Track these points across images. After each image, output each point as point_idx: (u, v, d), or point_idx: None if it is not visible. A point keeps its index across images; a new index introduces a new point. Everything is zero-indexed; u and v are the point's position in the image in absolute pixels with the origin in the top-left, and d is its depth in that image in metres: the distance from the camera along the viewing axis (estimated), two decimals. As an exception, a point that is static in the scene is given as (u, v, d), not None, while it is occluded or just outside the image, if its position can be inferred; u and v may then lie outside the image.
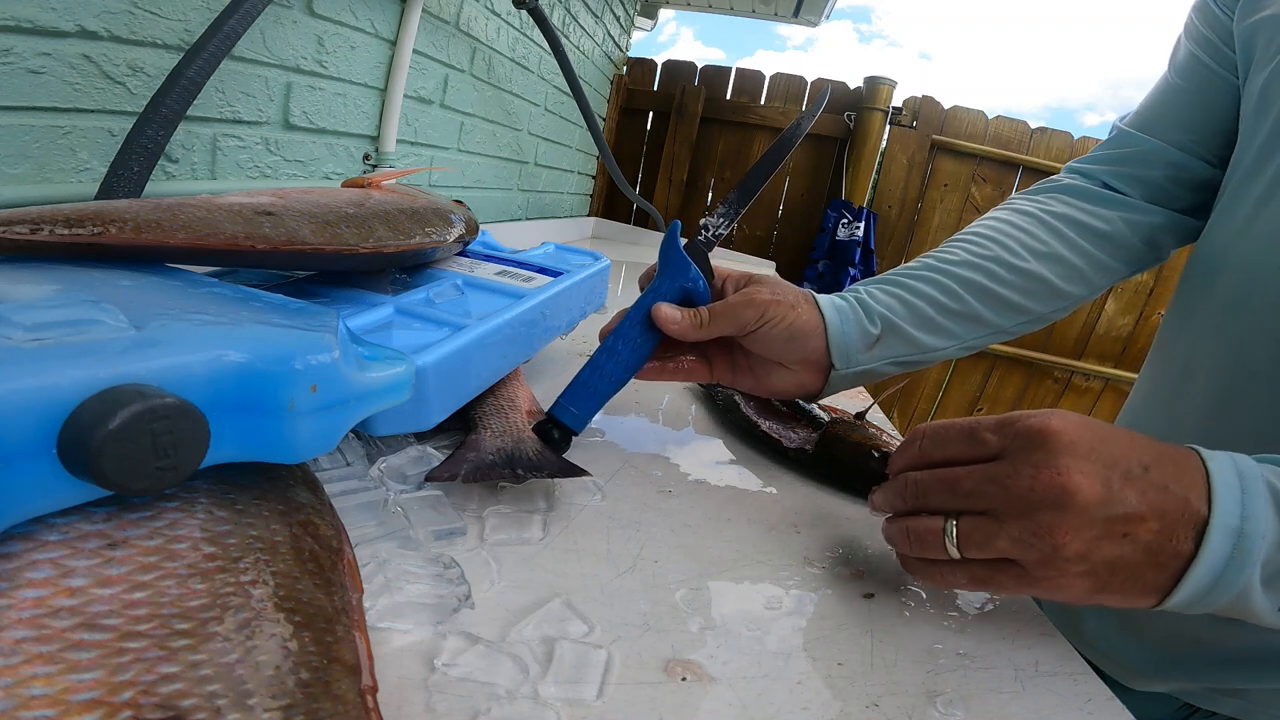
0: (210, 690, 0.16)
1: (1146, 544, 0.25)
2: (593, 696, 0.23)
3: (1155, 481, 0.25)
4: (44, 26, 0.43)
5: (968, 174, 2.14)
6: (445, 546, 0.30)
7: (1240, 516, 0.25)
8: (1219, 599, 0.25)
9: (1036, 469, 0.26)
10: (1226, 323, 0.40)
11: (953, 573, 0.29)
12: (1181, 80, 0.48)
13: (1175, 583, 0.26)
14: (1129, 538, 0.25)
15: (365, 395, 0.25)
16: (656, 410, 0.53)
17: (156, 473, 0.18)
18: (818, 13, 2.15)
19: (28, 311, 0.19)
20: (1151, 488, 0.25)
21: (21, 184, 0.45)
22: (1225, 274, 0.41)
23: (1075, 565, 0.26)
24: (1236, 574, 0.25)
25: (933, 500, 0.29)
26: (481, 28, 1.00)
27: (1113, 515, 0.25)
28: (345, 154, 0.76)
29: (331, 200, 0.39)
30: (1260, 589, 0.25)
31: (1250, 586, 0.25)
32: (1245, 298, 0.39)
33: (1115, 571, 0.26)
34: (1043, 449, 0.26)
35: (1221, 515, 0.25)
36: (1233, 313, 0.40)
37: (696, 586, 0.31)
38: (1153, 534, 0.25)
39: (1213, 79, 0.46)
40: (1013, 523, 0.26)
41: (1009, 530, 0.26)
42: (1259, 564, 0.25)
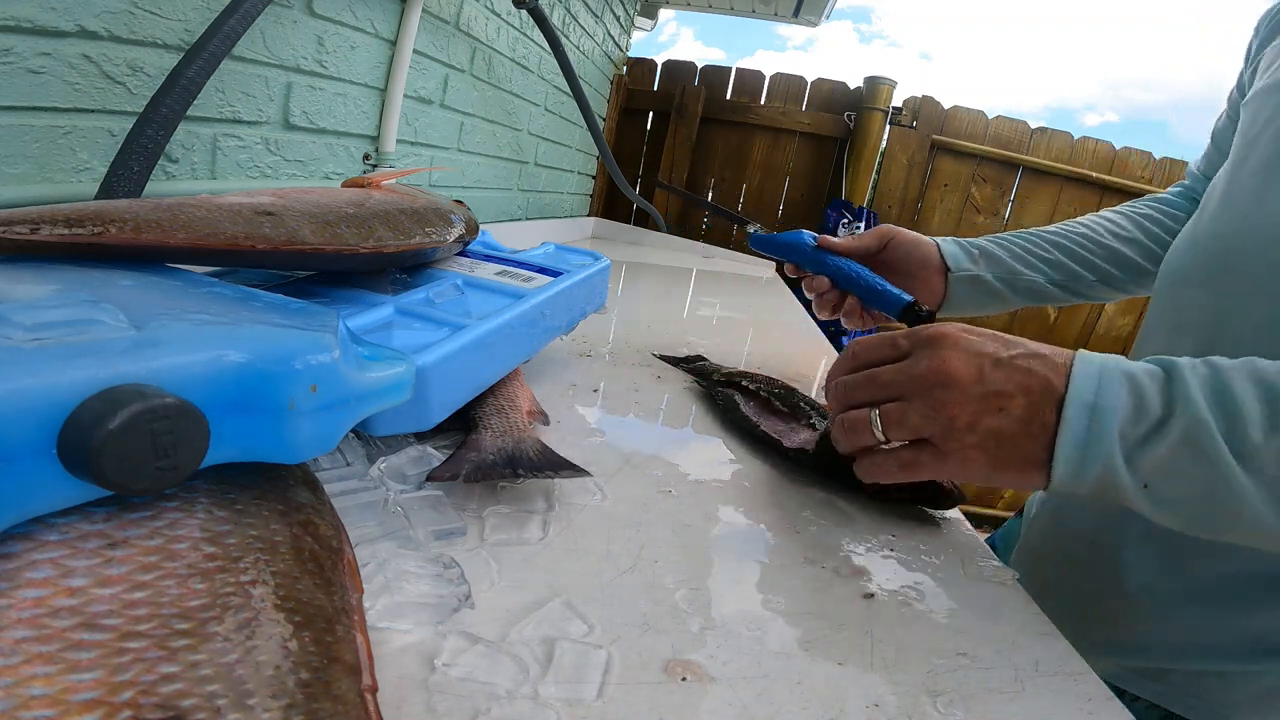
0: (210, 690, 0.16)
1: (1018, 416, 0.31)
2: (593, 696, 0.23)
3: (1020, 366, 0.31)
4: (44, 26, 0.43)
5: (968, 174, 2.14)
6: (445, 546, 0.30)
7: (1095, 393, 0.30)
8: (1090, 472, 0.30)
9: (929, 359, 0.33)
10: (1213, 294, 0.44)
11: (885, 462, 0.35)
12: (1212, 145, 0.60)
13: (1050, 454, 0.30)
14: (1004, 411, 0.31)
15: (365, 395, 0.25)
16: (656, 410, 0.53)
17: (156, 473, 0.18)
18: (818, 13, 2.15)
19: (28, 311, 0.19)
20: (1017, 371, 0.31)
21: (22, 184, 0.45)
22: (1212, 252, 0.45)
23: (968, 436, 0.32)
24: (1097, 445, 0.29)
25: (859, 395, 0.36)
26: (481, 28, 1.00)
27: (986, 392, 0.31)
28: (345, 154, 0.76)
29: (331, 200, 0.39)
30: (1123, 465, 0.29)
31: (1113, 460, 0.29)
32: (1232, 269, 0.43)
33: (1000, 443, 0.31)
34: (934, 345, 0.33)
35: (1076, 391, 0.30)
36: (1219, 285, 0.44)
37: (696, 586, 0.31)
38: (1022, 408, 0.31)
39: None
40: (916, 402, 0.33)
41: (915, 408, 0.33)
42: (1116, 437, 0.29)
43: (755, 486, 0.43)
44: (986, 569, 0.36)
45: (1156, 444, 0.29)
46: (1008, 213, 2.17)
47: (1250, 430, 0.27)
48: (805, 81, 2.16)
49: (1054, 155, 2.10)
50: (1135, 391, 0.30)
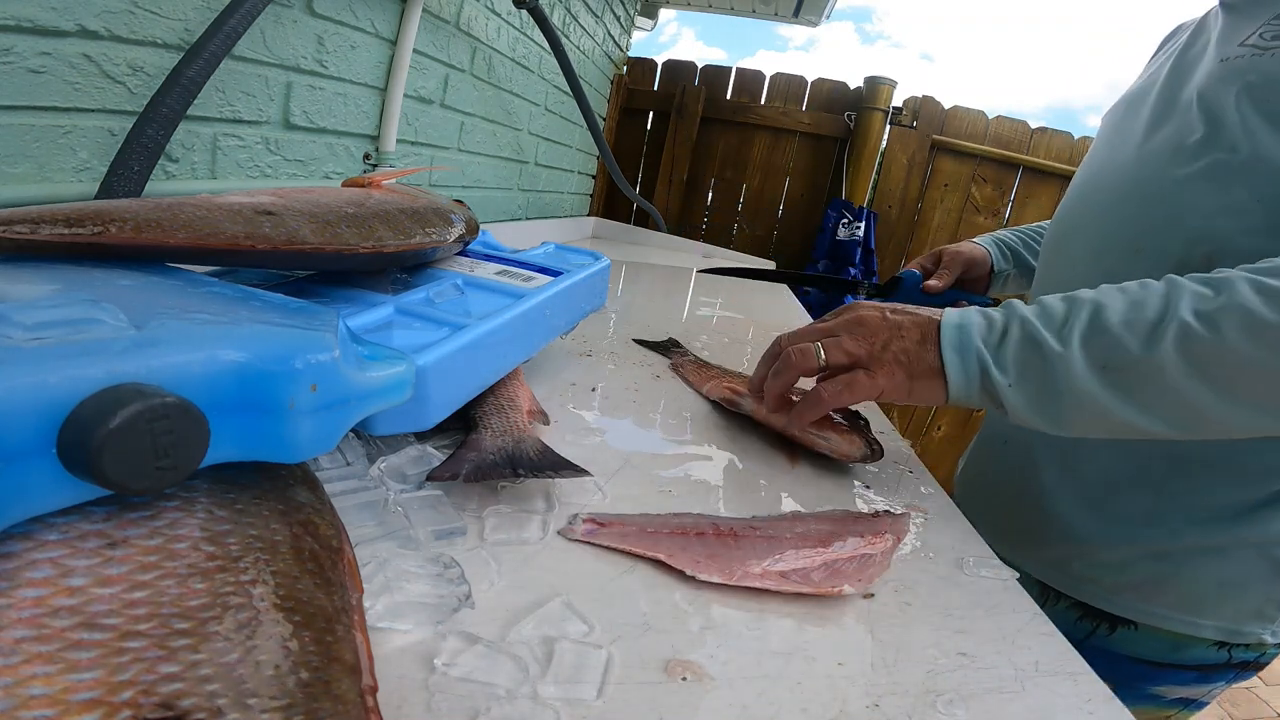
0: (210, 690, 0.16)
1: (915, 339, 0.42)
2: (593, 696, 0.23)
3: (910, 313, 0.43)
4: (44, 26, 0.43)
5: (968, 174, 2.14)
6: (445, 546, 0.30)
7: (959, 317, 0.42)
8: (972, 373, 0.40)
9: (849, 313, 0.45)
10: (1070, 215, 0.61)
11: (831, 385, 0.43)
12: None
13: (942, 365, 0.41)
14: (905, 336, 0.42)
15: (365, 395, 0.25)
16: (656, 410, 0.53)
17: (156, 472, 0.18)
18: (818, 13, 2.15)
19: (28, 311, 0.19)
20: (909, 315, 0.43)
21: (22, 183, 0.45)
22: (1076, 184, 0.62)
23: (885, 354, 0.42)
24: (967, 350, 0.40)
25: (804, 338, 0.46)
26: (482, 27, 1.00)
27: (890, 323, 0.43)
28: (345, 153, 0.76)
29: (332, 200, 0.39)
30: (993, 366, 0.39)
31: (985, 361, 0.40)
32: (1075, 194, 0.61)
33: (909, 356, 0.42)
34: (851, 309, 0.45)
35: (946, 318, 0.42)
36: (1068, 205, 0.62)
37: (696, 586, 0.31)
38: (917, 333, 0.42)
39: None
40: (845, 335, 0.44)
41: (845, 340, 0.43)
42: (980, 343, 0.40)
43: (755, 486, 0.43)
44: (986, 569, 0.36)
45: (1006, 344, 0.39)
46: (1008, 213, 2.16)
47: (1059, 321, 0.39)
48: (805, 81, 2.16)
49: (1054, 155, 2.10)
50: (984, 315, 0.41)
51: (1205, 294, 0.36)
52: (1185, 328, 0.35)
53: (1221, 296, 0.35)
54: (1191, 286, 0.37)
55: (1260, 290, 0.35)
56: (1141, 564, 0.51)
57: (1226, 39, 0.50)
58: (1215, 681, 0.53)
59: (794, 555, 0.33)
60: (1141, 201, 0.51)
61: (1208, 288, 0.36)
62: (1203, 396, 0.35)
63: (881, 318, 0.43)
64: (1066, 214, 0.60)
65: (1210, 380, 0.35)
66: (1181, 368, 0.35)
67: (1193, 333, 0.35)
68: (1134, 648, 0.52)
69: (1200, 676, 0.52)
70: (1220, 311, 0.35)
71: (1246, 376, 0.35)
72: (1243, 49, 0.47)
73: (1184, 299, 0.36)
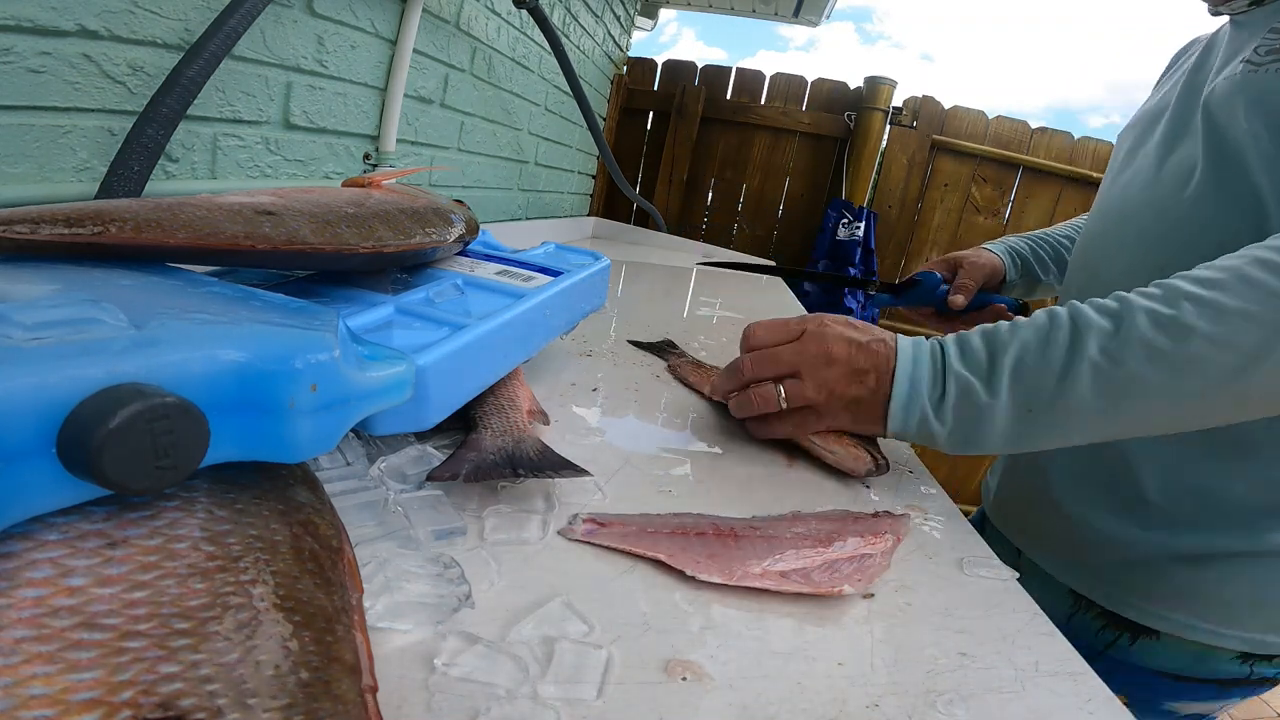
0: (210, 690, 0.16)
1: (871, 388, 0.43)
2: (592, 696, 0.23)
3: (873, 349, 0.44)
4: (44, 26, 0.43)
5: (968, 174, 2.14)
6: (445, 546, 0.30)
7: (911, 365, 0.43)
8: (911, 425, 0.42)
9: (817, 344, 0.45)
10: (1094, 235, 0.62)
11: (780, 423, 0.47)
12: None
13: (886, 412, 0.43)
14: (862, 383, 0.44)
15: (365, 394, 0.25)
16: (656, 410, 0.53)
17: (156, 472, 0.18)
18: (818, 13, 2.15)
19: (27, 310, 0.19)
20: (871, 353, 0.44)
21: (22, 183, 0.45)
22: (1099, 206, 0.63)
23: (839, 402, 0.44)
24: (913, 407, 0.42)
25: (764, 372, 0.47)
26: (482, 27, 1.00)
27: (854, 369, 0.44)
28: (345, 153, 0.76)
29: (332, 200, 0.39)
30: (933, 416, 0.42)
31: (926, 414, 0.42)
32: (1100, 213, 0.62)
33: (859, 405, 0.44)
34: (819, 332, 0.46)
35: (900, 367, 0.43)
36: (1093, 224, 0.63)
37: (696, 586, 0.31)
38: (874, 381, 0.43)
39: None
40: (808, 378, 0.45)
41: (809, 383, 0.45)
42: (926, 399, 0.42)
43: (755, 486, 0.43)
44: (986, 569, 0.36)
45: (946, 400, 0.41)
46: (1008, 213, 2.16)
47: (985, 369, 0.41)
48: (805, 81, 2.16)
49: (1054, 155, 2.09)
50: (933, 365, 0.42)
51: (1108, 329, 0.39)
52: (1094, 365, 0.38)
53: (1122, 332, 0.38)
54: (1095, 322, 0.39)
55: (1155, 322, 0.38)
56: (1174, 569, 0.51)
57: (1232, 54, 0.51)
58: (1231, 697, 0.53)
59: (794, 555, 0.33)
60: (1161, 224, 0.52)
61: (1109, 321, 0.39)
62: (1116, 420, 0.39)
63: (848, 357, 0.44)
64: (1091, 241, 0.61)
65: (1122, 406, 0.38)
66: (1095, 400, 0.38)
67: (1100, 368, 0.38)
68: (1154, 659, 0.52)
69: (1218, 691, 0.52)
70: (1122, 345, 0.38)
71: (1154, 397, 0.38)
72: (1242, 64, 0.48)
73: (1090, 338, 0.39)
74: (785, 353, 0.46)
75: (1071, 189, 2.11)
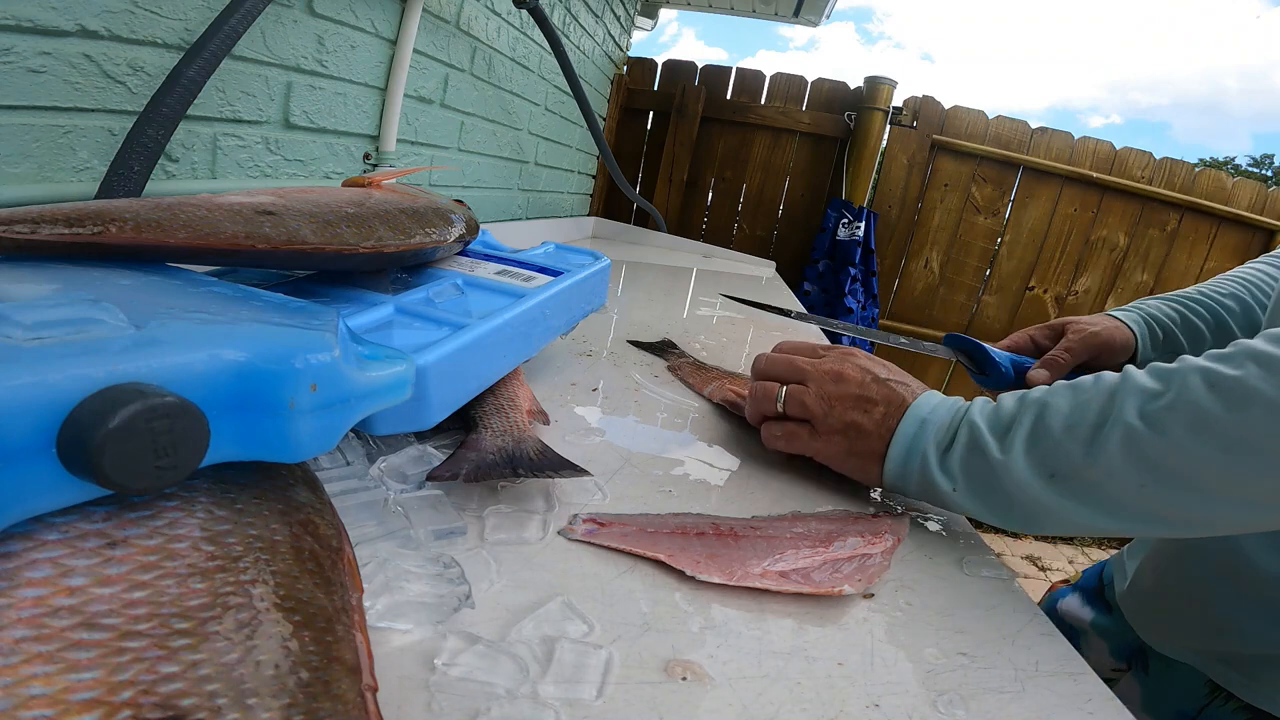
0: (210, 690, 0.16)
1: (876, 419, 0.41)
2: (592, 696, 0.23)
3: (891, 386, 0.42)
4: (44, 26, 0.43)
5: (968, 174, 2.14)
6: (445, 546, 0.30)
7: (929, 409, 0.40)
8: (912, 474, 0.39)
9: (835, 363, 0.44)
10: None
11: (771, 428, 0.45)
12: None
13: (886, 449, 0.40)
14: (868, 413, 0.41)
15: (365, 394, 0.25)
16: (656, 410, 0.53)
17: (156, 472, 0.18)
18: (818, 13, 2.15)
19: (27, 310, 0.19)
20: (886, 387, 0.42)
21: (22, 183, 0.45)
22: None
23: (837, 423, 0.41)
24: (915, 450, 0.39)
25: (775, 370, 0.46)
26: (482, 27, 1.00)
27: (862, 395, 0.42)
28: (345, 153, 0.76)
29: (332, 200, 0.39)
30: (936, 467, 0.38)
31: (928, 462, 0.38)
32: None
33: (858, 434, 0.41)
34: (842, 354, 0.45)
35: (915, 408, 0.40)
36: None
37: (696, 586, 0.31)
38: (880, 414, 0.41)
39: None
40: (813, 388, 0.43)
41: (811, 394, 0.43)
42: (932, 444, 0.38)
43: (755, 486, 0.43)
44: (987, 569, 0.36)
45: (954, 450, 0.38)
46: (1008, 213, 2.17)
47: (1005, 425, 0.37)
48: (805, 81, 2.16)
49: (1054, 155, 2.10)
50: (953, 412, 0.39)
51: (1153, 389, 0.33)
52: (1130, 431, 0.33)
53: (1169, 393, 0.33)
54: (1140, 383, 0.34)
55: (1211, 383, 0.32)
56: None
57: None
58: None
59: (794, 555, 0.33)
60: None
61: (1158, 381, 0.34)
62: (1162, 498, 0.33)
63: (860, 383, 0.42)
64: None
65: (1165, 482, 0.32)
66: (1130, 472, 0.33)
67: (1137, 434, 0.33)
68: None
69: None
70: (1166, 410, 0.32)
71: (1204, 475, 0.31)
72: None
73: (1130, 398, 0.34)
74: (801, 361, 0.45)
75: (1071, 189, 2.11)
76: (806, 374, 0.44)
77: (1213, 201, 2.08)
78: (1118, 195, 2.10)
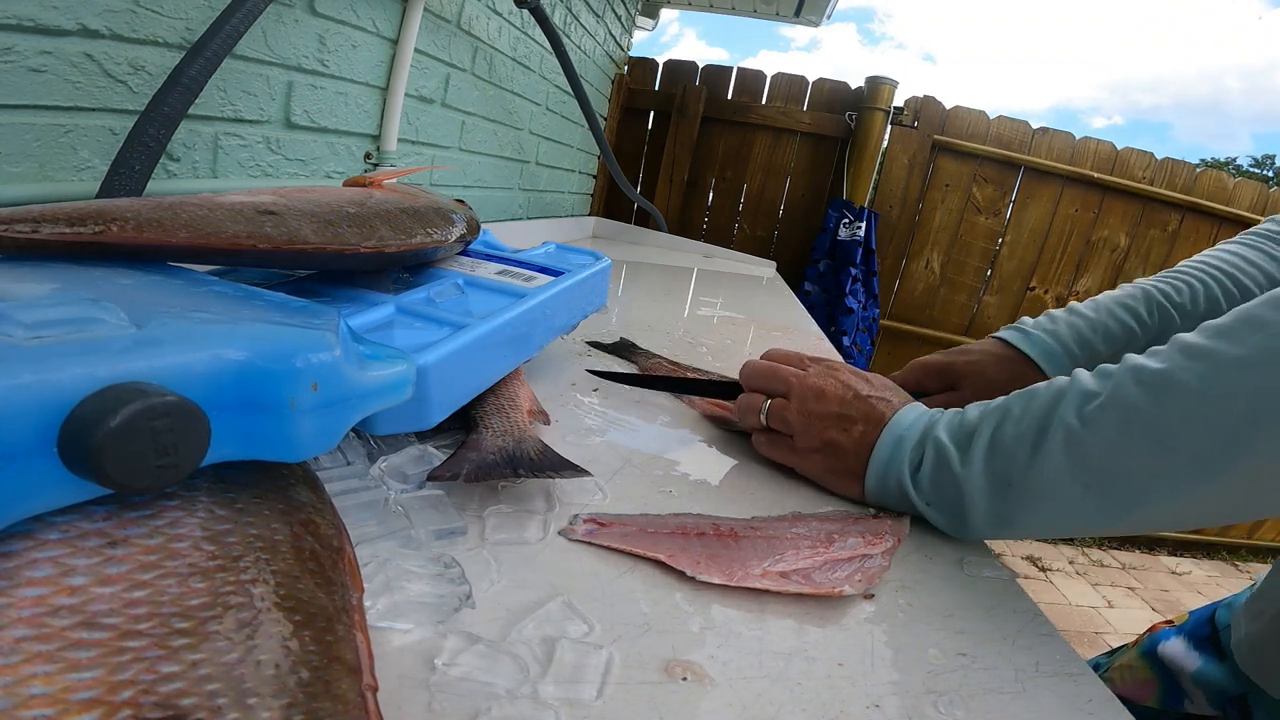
0: (210, 689, 0.16)
1: (855, 438, 0.40)
2: (592, 696, 0.23)
3: (871, 402, 0.41)
4: (45, 25, 0.43)
5: (969, 174, 2.14)
6: (446, 546, 0.30)
7: (906, 425, 0.39)
8: (891, 481, 0.39)
9: (818, 377, 0.43)
10: None
11: (759, 435, 0.45)
12: None
13: (865, 468, 0.40)
14: (847, 432, 0.41)
15: (366, 394, 0.25)
16: (656, 410, 0.53)
17: (157, 471, 0.18)
18: (819, 13, 2.15)
19: (28, 309, 0.19)
20: (867, 404, 0.41)
21: (23, 183, 0.45)
22: None
23: (816, 440, 0.41)
24: (891, 468, 0.39)
25: (759, 383, 0.45)
26: (483, 27, 1.00)
27: (841, 414, 0.41)
28: (346, 153, 0.76)
29: (333, 199, 0.39)
30: (910, 484, 0.38)
31: (903, 479, 0.38)
32: None
33: (836, 453, 0.41)
34: (827, 369, 0.44)
35: (892, 425, 0.40)
36: None
37: (697, 587, 0.31)
38: (859, 432, 0.40)
39: None
40: (795, 404, 0.42)
41: (793, 409, 0.42)
42: (906, 462, 0.38)
43: (755, 486, 0.43)
44: (987, 569, 0.36)
45: (924, 465, 0.38)
46: (1009, 213, 2.16)
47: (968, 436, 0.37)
48: (806, 81, 2.16)
49: (1055, 155, 2.10)
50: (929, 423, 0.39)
51: (1091, 390, 0.33)
52: (1069, 432, 0.33)
53: (1104, 393, 0.32)
54: (1082, 384, 0.34)
55: (1138, 379, 0.31)
56: None
57: None
58: None
59: (794, 555, 0.33)
60: None
61: (1097, 382, 0.33)
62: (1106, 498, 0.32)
63: (840, 400, 0.41)
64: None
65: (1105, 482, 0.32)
66: (1077, 479, 0.32)
67: (1075, 436, 0.32)
68: None
69: None
70: (1099, 409, 0.32)
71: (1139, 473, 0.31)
72: None
73: (1071, 400, 0.33)
74: (786, 372, 0.44)
75: (1072, 189, 2.11)
76: (790, 387, 0.43)
77: (1214, 202, 2.08)
78: (1119, 195, 2.10)
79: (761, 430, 0.45)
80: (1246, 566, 2.59)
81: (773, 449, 0.44)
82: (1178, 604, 2.21)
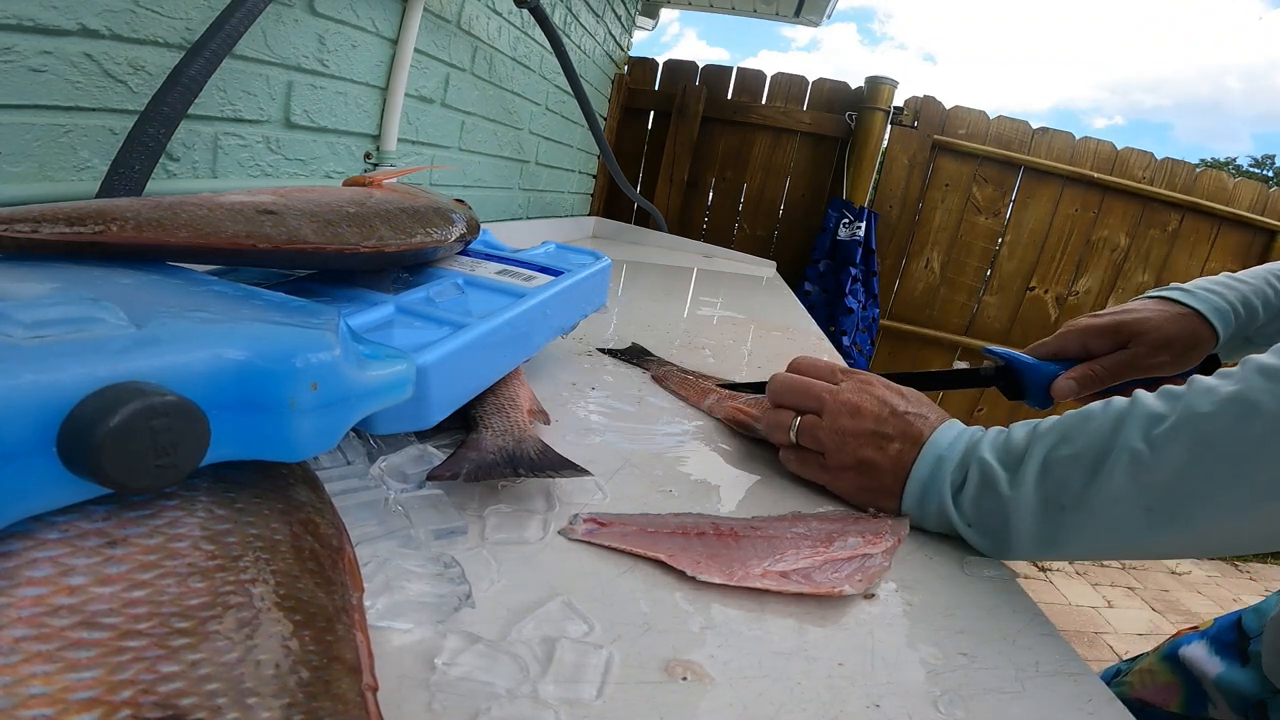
0: (210, 689, 0.16)
1: (892, 456, 0.39)
2: (592, 696, 0.23)
3: (909, 419, 0.40)
4: (45, 25, 0.43)
5: (969, 174, 2.14)
6: (446, 546, 0.30)
7: (946, 445, 0.38)
8: (932, 502, 0.38)
9: (851, 392, 0.41)
10: None
11: (788, 453, 0.43)
12: None
13: (902, 488, 0.38)
14: (883, 450, 0.39)
15: (366, 393, 0.25)
16: (657, 410, 0.53)
17: (156, 471, 0.18)
18: (819, 13, 2.15)
19: (28, 309, 0.19)
20: (904, 420, 0.40)
21: (23, 182, 0.45)
22: None
23: (849, 458, 0.40)
24: (931, 490, 0.37)
25: (789, 399, 0.43)
26: (483, 27, 1.00)
27: (878, 431, 0.39)
28: (346, 153, 0.76)
29: (333, 199, 0.39)
30: (952, 507, 0.37)
31: (945, 502, 0.37)
32: None
33: (871, 471, 0.39)
34: (860, 383, 0.42)
35: (932, 444, 0.38)
36: None
37: (697, 586, 0.31)
38: (896, 450, 0.39)
39: None
40: (828, 421, 0.41)
41: (825, 427, 0.41)
42: (947, 484, 0.37)
43: (756, 487, 0.43)
44: (987, 569, 0.36)
45: (966, 487, 0.37)
46: (1009, 213, 2.16)
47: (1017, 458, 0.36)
48: (806, 81, 2.16)
49: (1055, 155, 2.10)
50: (971, 443, 0.38)
51: (1158, 413, 0.32)
52: (1134, 456, 0.32)
53: (1174, 415, 0.31)
54: (1148, 407, 0.33)
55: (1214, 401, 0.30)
56: None
57: None
58: None
59: (794, 555, 0.33)
60: None
61: (1164, 404, 0.32)
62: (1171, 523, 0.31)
63: (876, 417, 0.40)
64: None
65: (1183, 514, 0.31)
66: (1139, 502, 0.31)
67: (1141, 459, 0.31)
68: None
69: None
70: (1170, 431, 0.31)
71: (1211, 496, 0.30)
72: None
73: (1134, 421, 0.32)
74: (818, 388, 0.42)
75: (1072, 189, 2.11)
76: (823, 404, 0.41)
77: (1214, 202, 2.08)
78: (1119, 195, 2.10)
79: (790, 447, 0.43)
80: (1247, 567, 2.59)
81: (802, 466, 0.43)
82: (1177, 604, 2.21)
